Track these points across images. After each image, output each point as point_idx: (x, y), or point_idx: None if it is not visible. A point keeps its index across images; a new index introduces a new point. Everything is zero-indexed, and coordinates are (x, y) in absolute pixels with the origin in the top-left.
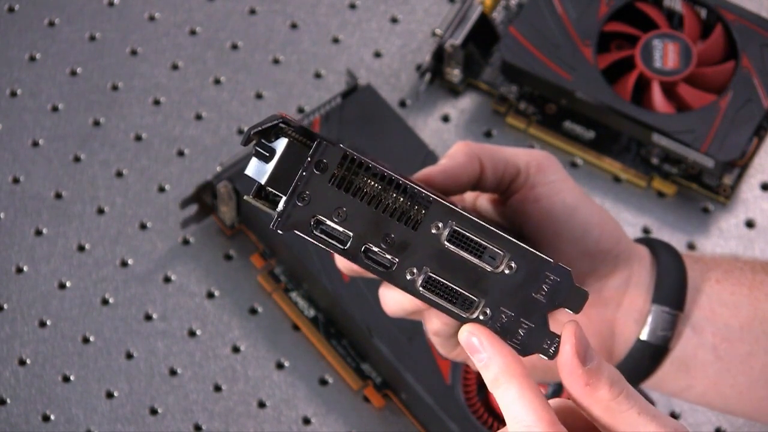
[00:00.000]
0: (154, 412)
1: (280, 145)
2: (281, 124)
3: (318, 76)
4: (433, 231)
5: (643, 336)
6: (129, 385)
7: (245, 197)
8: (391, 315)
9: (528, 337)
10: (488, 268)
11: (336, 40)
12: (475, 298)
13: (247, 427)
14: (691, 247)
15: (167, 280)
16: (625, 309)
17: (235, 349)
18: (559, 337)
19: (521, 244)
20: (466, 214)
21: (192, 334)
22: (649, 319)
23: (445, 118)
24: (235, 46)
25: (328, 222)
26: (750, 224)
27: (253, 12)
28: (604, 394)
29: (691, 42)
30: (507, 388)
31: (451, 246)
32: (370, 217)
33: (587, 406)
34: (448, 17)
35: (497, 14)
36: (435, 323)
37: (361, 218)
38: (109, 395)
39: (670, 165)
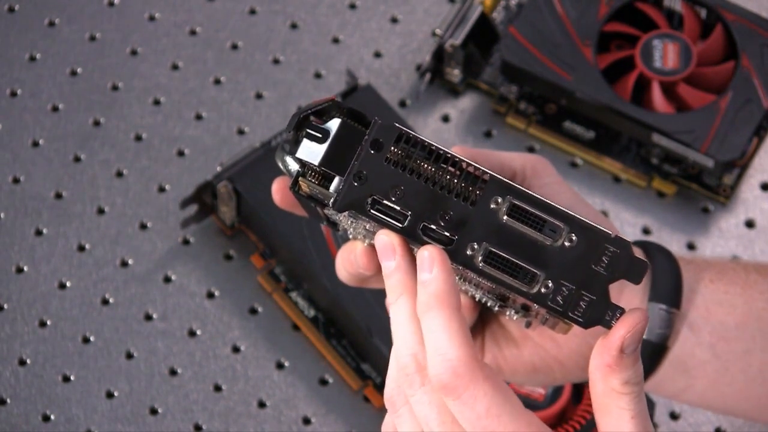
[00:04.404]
0: (154, 412)
1: (334, 125)
2: (334, 106)
3: (318, 76)
4: (492, 206)
5: None
6: (129, 385)
7: (299, 178)
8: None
9: (590, 309)
10: (548, 242)
11: (336, 40)
12: (536, 272)
13: (247, 427)
14: (691, 247)
15: (167, 280)
16: None
17: (235, 349)
18: (621, 309)
19: (580, 217)
20: (523, 189)
21: (192, 334)
22: None
23: (445, 118)
24: (235, 46)
25: (385, 201)
26: (750, 224)
27: (253, 12)
28: (615, 384)
29: (691, 42)
30: (436, 315)
31: (511, 220)
32: (427, 194)
33: (594, 381)
34: (448, 17)
35: (497, 14)
36: None
37: (418, 196)
38: (109, 395)
39: (670, 165)
